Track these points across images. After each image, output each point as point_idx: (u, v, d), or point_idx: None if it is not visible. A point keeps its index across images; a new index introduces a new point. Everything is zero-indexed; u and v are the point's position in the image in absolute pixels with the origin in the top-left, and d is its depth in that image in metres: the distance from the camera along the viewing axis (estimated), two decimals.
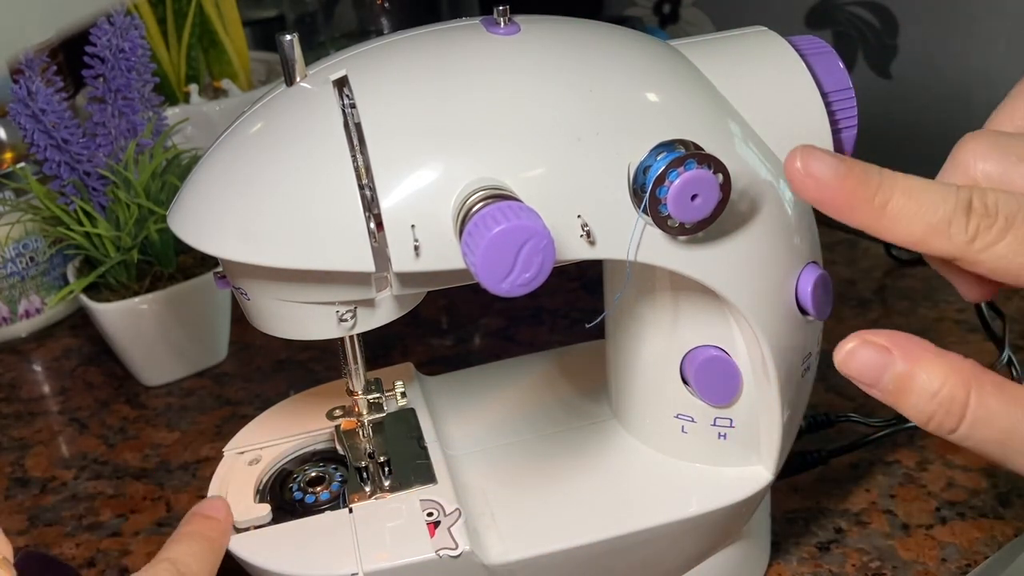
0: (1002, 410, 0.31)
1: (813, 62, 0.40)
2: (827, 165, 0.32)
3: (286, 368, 0.72)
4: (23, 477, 0.63)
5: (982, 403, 0.31)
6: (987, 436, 0.31)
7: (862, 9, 0.91)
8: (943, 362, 0.31)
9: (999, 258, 0.31)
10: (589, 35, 0.38)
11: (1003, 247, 0.31)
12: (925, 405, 0.31)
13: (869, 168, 0.32)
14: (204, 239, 0.36)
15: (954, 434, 0.31)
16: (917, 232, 0.32)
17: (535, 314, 0.75)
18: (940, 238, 0.31)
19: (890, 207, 0.32)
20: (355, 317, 0.39)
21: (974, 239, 0.31)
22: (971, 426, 0.31)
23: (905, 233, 0.32)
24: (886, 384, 0.32)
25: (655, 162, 0.35)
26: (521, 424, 0.49)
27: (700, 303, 0.41)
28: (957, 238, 0.31)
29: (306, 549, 0.41)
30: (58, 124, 0.64)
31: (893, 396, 0.32)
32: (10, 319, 0.77)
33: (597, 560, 0.43)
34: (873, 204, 0.32)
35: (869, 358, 0.32)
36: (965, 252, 0.31)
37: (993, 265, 0.31)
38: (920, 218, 0.31)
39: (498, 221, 0.31)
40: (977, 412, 0.31)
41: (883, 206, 0.32)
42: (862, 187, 0.32)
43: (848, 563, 0.50)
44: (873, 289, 0.75)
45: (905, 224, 0.32)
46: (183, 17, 0.81)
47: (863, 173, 0.32)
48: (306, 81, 0.37)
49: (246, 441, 0.48)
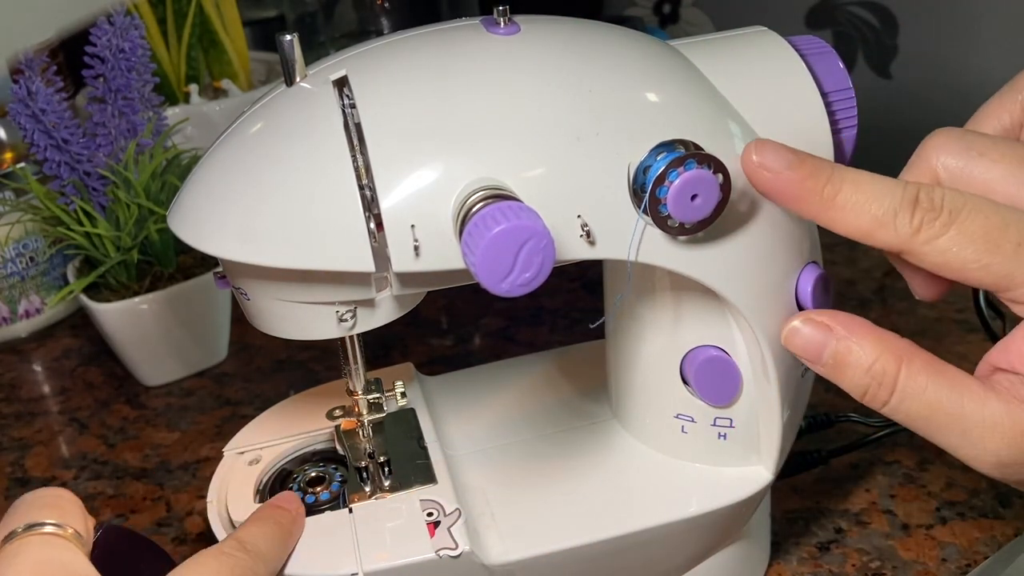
0: (930, 385, 0.32)
1: (813, 62, 0.40)
2: (780, 157, 0.33)
3: (286, 368, 0.72)
4: (23, 477, 0.63)
5: (911, 377, 0.33)
6: (914, 410, 0.33)
7: (862, 9, 0.91)
8: (877, 337, 0.33)
9: (942, 252, 0.32)
10: (589, 35, 0.38)
11: (946, 240, 0.32)
12: (860, 378, 0.33)
13: (821, 162, 0.33)
14: (204, 239, 0.36)
15: (886, 406, 0.33)
16: (864, 224, 0.33)
17: (535, 314, 0.75)
18: (886, 230, 0.32)
19: (839, 198, 0.33)
20: (355, 317, 0.39)
21: (918, 231, 0.32)
22: (900, 399, 0.33)
23: (853, 224, 0.33)
24: (826, 359, 0.34)
25: (655, 162, 0.35)
26: (521, 424, 0.49)
27: (700, 303, 0.41)
28: (902, 230, 0.32)
29: (306, 549, 0.41)
30: (58, 124, 0.64)
31: (832, 370, 0.34)
32: (10, 319, 0.77)
33: (597, 560, 0.43)
34: (822, 195, 0.33)
35: (811, 334, 0.34)
36: (909, 244, 0.32)
37: (936, 259, 0.32)
38: (866, 210, 0.32)
39: (498, 221, 0.31)
40: (906, 386, 0.33)
41: (832, 197, 0.33)
42: (812, 179, 0.33)
43: (848, 563, 0.50)
44: (873, 289, 0.75)
45: (853, 215, 0.33)
46: (183, 17, 0.81)
47: (814, 166, 0.33)
48: (306, 81, 0.37)
49: (246, 441, 0.48)
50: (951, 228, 0.32)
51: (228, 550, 0.37)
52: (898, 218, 0.32)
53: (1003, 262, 0.31)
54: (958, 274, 0.32)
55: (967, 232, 0.32)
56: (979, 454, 0.33)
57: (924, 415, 0.33)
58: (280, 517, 0.40)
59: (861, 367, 0.33)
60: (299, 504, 0.42)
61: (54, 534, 0.35)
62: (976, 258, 0.32)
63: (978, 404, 0.32)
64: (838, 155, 0.40)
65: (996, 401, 0.32)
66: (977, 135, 0.35)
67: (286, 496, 0.42)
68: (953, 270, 0.32)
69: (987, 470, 0.33)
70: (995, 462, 0.32)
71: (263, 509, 0.41)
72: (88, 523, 0.37)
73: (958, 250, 0.32)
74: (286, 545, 0.40)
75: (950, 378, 0.33)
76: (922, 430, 0.33)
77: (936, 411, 0.32)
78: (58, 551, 0.35)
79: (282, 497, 0.42)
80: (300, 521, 0.41)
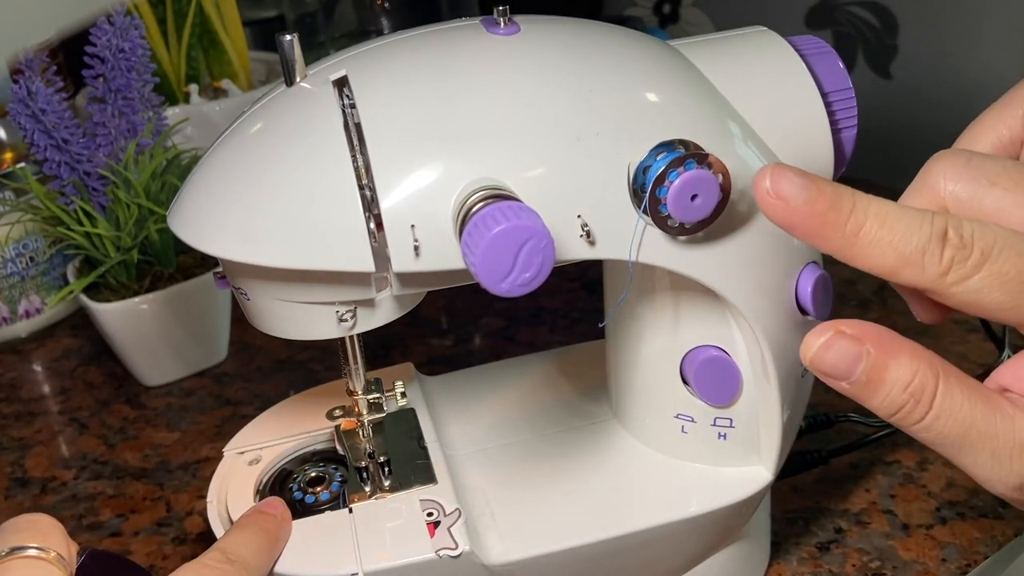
0: (966, 402, 0.30)
1: (813, 62, 0.40)
2: (797, 186, 0.30)
3: (286, 368, 0.72)
4: (23, 477, 0.63)
5: (948, 393, 0.30)
6: (948, 428, 0.30)
7: (862, 9, 0.91)
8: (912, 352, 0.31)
9: (972, 292, 0.30)
10: (589, 35, 0.38)
11: (977, 281, 0.30)
12: (898, 395, 0.30)
13: (841, 191, 0.31)
14: (204, 239, 0.36)
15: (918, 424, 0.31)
16: (889, 262, 0.30)
17: (535, 314, 0.75)
18: (913, 269, 0.30)
19: (862, 234, 0.30)
20: (355, 317, 0.39)
21: (947, 272, 0.30)
22: (936, 416, 0.30)
23: (878, 263, 0.30)
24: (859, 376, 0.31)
25: (655, 162, 0.35)
26: (521, 424, 0.49)
27: (700, 303, 0.41)
28: (930, 270, 0.30)
29: (306, 549, 0.41)
30: (58, 124, 0.64)
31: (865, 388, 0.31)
32: (10, 319, 0.77)
33: (597, 560, 0.43)
34: (845, 231, 0.30)
35: (846, 349, 0.31)
36: (937, 285, 0.30)
37: (965, 299, 0.30)
38: (893, 247, 0.30)
39: (498, 221, 0.31)
40: (943, 403, 0.30)
41: (855, 233, 0.30)
42: (833, 211, 0.30)
43: (848, 563, 0.50)
44: (873, 289, 0.75)
45: (878, 253, 0.30)
46: (183, 17, 0.81)
47: (835, 196, 0.30)
48: (306, 81, 0.37)
49: (246, 441, 0.48)
50: (983, 268, 0.29)
51: (211, 562, 0.37)
52: (927, 256, 0.30)
53: None
54: (987, 314, 0.30)
55: (999, 273, 0.29)
56: (1004, 475, 0.30)
57: (958, 433, 0.30)
58: (265, 523, 0.40)
59: (900, 383, 0.30)
60: (284, 508, 0.42)
61: (37, 557, 0.35)
62: (1008, 299, 0.30)
63: (1008, 423, 0.30)
64: (838, 155, 0.40)
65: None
66: (984, 159, 0.32)
67: (271, 501, 0.42)
68: (982, 310, 0.30)
69: (1007, 492, 0.31)
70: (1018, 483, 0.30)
71: (247, 516, 0.41)
72: (71, 547, 0.37)
73: (989, 291, 0.30)
74: (272, 551, 0.40)
75: (983, 395, 0.31)
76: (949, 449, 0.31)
77: (970, 429, 0.30)
78: (40, 573, 0.35)
79: (267, 502, 0.42)
80: (286, 526, 0.41)
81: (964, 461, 0.31)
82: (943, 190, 0.32)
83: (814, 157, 0.40)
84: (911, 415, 0.30)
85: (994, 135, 0.36)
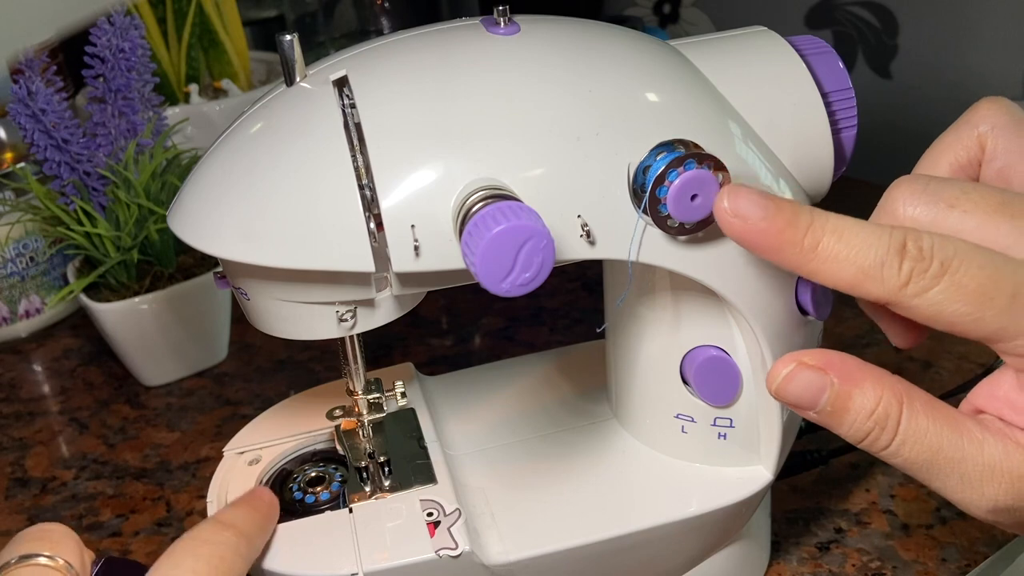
0: (932, 428, 0.31)
1: (813, 62, 0.40)
2: (755, 204, 0.31)
3: (286, 368, 0.72)
4: (23, 477, 0.63)
5: (913, 419, 0.31)
6: (915, 454, 0.31)
7: (862, 9, 0.91)
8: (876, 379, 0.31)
9: (932, 304, 0.30)
10: (589, 35, 0.38)
11: (937, 293, 0.30)
12: (862, 424, 0.31)
13: (799, 208, 0.31)
14: (204, 239, 0.36)
15: (886, 450, 0.31)
16: (848, 276, 0.30)
17: (535, 314, 0.75)
18: (872, 282, 0.30)
19: (820, 249, 0.30)
20: (355, 317, 0.39)
21: (907, 283, 0.30)
22: (902, 443, 0.31)
23: (836, 276, 0.31)
24: (824, 406, 0.31)
25: (655, 162, 0.35)
26: (521, 424, 0.49)
27: (700, 303, 0.41)
28: (889, 282, 0.30)
29: (306, 549, 0.41)
30: (58, 124, 0.64)
31: (830, 417, 0.31)
32: (10, 319, 0.78)
33: (597, 560, 0.43)
34: (803, 246, 0.31)
35: (809, 381, 0.31)
36: (898, 297, 0.30)
37: (926, 311, 0.30)
38: (851, 261, 0.30)
39: (498, 221, 0.31)
40: (908, 429, 0.31)
41: (813, 248, 0.30)
42: (791, 228, 0.31)
43: (848, 563, 0.50)
44: None
45: (836, 267, 0.30)
46: (183, 17, 0.81)
47: (792, 214, 0.31)
48: (306, 81, 0.37)
49: (246, 441, 0.48)
50: (942, 279, 0.29)
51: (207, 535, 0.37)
52: (885, 269, 0.30)
53: (996, 315, 0.29)
54: (948, 326, 0.30)
55: (959, 284, 0.29)
56: (975, 499, 0.31)
57: (925, 458, 0.31)
58: (256, 502, 0.41)
59: (864, 412, 0.31)
60: (272, 495, 0.42)
61: (46, 565, 0.35)
62: (969, 311, 0.29)
63: (977, 447, 0.31)
64: (838, 155, 0.40)
65: (993, 443, 0.31)
66: (942, 183, 0.32)
67: (258, 489, 0.42)
68: (943, 322, 0.30)
69: (981, 515, 0.31)
70: (991, 507, 0.31)
71: (240, 497, 0.41)
72: (85, 556, 0.37)
73: (950, 303, 0.30)
74: (264, 528, 0.40)
75: (950, 419, 0.31)
76: (919, 473, 0.31)
77: (937, 454, 0.31)
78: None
79: (255, 489, 0.42)
80: (274, 511, 0.42)
81: (936, 485, 0.31)
82: (903, 215, 0.32)
83: (814, 157, 0.40)
84: (877, 441, 0.31)
85: (952, 156, 0.36)
